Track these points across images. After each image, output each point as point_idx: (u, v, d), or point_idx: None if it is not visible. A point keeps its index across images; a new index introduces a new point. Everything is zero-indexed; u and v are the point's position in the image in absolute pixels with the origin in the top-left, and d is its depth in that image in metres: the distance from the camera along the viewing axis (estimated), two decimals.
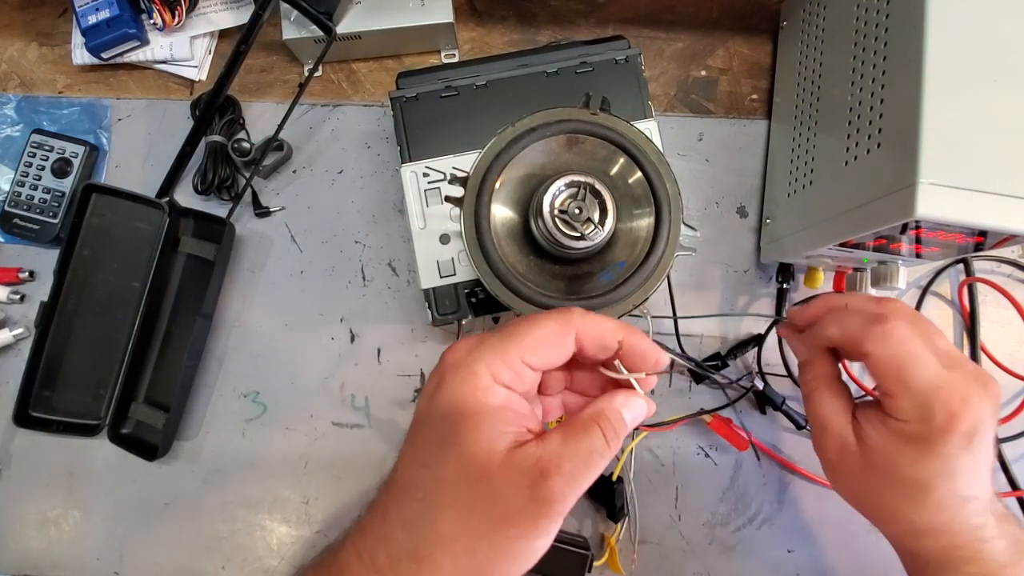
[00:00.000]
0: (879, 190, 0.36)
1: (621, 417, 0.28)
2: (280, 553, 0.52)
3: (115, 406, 0.52)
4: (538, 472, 0.26)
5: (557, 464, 0.26)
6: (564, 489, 0.26)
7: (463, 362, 0.28)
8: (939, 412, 0.33)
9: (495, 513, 0.26)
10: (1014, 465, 0.50)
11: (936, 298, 0.53)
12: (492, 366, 0.27)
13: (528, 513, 0.26)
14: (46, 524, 0.53)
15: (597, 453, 0.27)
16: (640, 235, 0.36)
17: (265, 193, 0.56)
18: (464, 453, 0.26)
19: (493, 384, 0.27)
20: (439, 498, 0.27)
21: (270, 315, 0.55)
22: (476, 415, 0.27)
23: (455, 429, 0.27)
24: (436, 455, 0.27)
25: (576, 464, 0.26)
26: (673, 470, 0.51)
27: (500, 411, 0.27)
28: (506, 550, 0.26)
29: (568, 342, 0.29)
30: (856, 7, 0.42)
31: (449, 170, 0.41)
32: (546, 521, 0.26)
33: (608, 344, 0.29)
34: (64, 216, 0.55)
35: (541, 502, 0.26)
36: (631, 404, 0.29)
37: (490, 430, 0.27)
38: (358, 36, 0.53)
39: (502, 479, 0.26)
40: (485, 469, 0.26)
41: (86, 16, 0.54)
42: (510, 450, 0.26)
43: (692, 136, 0.56)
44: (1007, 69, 0.34)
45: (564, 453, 0.26)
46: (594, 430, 0.27)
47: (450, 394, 0.28)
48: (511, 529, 0.26)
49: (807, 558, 0.50)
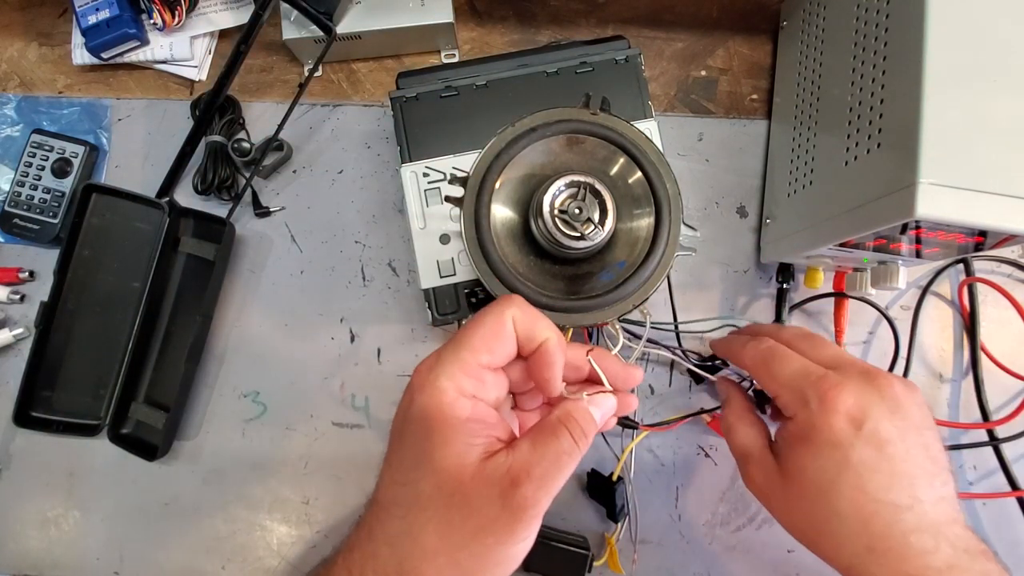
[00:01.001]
0: (879, 190, 0.36)
1: (589, 415, 0.29)
2: (280, 553, 0.52)
3: (115, 406, 0.51)
4: (509, 481, 0.27)
5: (527, 470, 0.27)
6: (536, 494, 0.27)
7: (427, 380, 0.29)
8: (812, 397, 0.33)
9: (472, 524, 0.27)
10: (1014, 465, 0.50)
11: (936, 298, 0.53)
12: (454, 378, 0.28)
13: (503, 521, 0.27)
14: (46, 524, 0.53)
15: (566, 454, 0.28)
16: (640, 235, 0.36)
17: (265, 193, 0.56)
18: (437, 469, 0.27)
19: (459, 397, 0.28)
20: (418, 515, 0.28)
21: (270, 315, 0.55)
22: (445, 430, 0.28)
23: (427, 446, 0.28)
24: (411, 472, 0.28)
25: (545, 467, 0.27)
26: (673, 470, 0.52)
27: (467, 424, 0.28)
28: (487, 558, 0.27)
29: (508, 332, 0.30)
30: (856, 7, 0.42)
31: (449, 170, 0.41)
32: (521, 526, 0.27)
33: (535, 336, 0.30)
34: (64, 216, 0.55)
35: (515, 509, 0.26)
36: (598, 401, 0.30)
37: (459, 443, 0.28)
38: (358, 36, 0.53)
39: (475, 491, 0.27)
40: (458, 483, 0.27)
41: (86, 16, 0.54)
42: (481, 461, 0.27)
43: (692, 136, 0.56)
44: (1007, 69, 0.34)
45: (533, 459, 0.27)
46: (561, 432, 0.28)
47: (418, 412, 0.28)
48: (488, 538, 0.27)
49: (807, 558, 0.49)
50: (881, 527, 0.31)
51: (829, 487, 0.32)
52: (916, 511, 0.31)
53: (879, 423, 0.32)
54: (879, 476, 0.32)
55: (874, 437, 0.32)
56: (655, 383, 0.52)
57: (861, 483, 0.32)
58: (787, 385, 0.35)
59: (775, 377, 0.36)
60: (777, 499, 0.36)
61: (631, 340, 0.47)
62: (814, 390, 0.33)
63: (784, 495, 0.35)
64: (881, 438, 0.32)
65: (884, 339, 0.52)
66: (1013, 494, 0.49)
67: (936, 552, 0.30)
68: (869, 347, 0.53)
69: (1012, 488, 0.49)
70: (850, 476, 0.32)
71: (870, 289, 0.45)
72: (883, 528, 0.31)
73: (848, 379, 0.33)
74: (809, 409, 0.33)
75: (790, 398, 0.35)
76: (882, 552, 0.31)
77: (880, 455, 0.32)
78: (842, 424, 0.32)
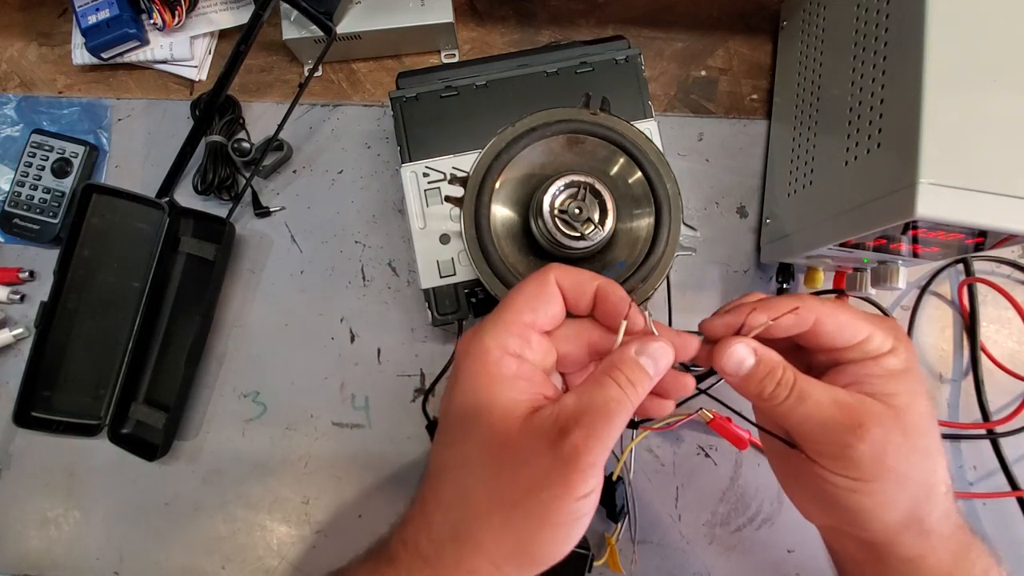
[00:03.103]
0: (879, 190, 0.36)
1: (636, 362, 0.28)
2: (280, 553, 0.52)
3: (115, 406, 0.51)
4: (557, 430, 0.26)
5: (575, 418, 0.26)
6: (587, 441, 0.25)
7: (472, 345, 0.28)
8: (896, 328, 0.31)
9: (523, 479, 0.26)
10: (1014, 465, 0.50)
11: (936, 298, 0.53)
12: (498, 338, 0.28)
13: (556, 473, 0.25)
14: (46, 524, 0.53)
15: (614, 401, 0.27)
16: (640, 235, 0.36)
17: (265, 193, 0.56)
18: (484, 427, 0.27)
19: (503, 356, 0.28)
20: (468, 476, 0.27)
21: (270, 315, 0.55)
22: (490, 387, 0.27)
23: (474, 407, 0.27)
24: (459, 434, 0.28)
25: (594, 415, 0.26)
26: (673, 470, 0.51)
27: (513, 380, 0.28)
28: (544, 517, 0.26)
29: (552, 292, 0.29)
30: (856, 7, 0.42)
31: (449, 170, 0.41)
32: (577, 476, 0.25)
33: (586, 290, 0.30)
34: (64, 216, 0.55)
35: (566, 458, 0.25)
36: (647, 350, 0.28)
37: (505, 400, 0.27)
38: (358, 36, 0.53)
39: (524, 444, 0.26)
40: (506, 438, 0.26)
41: (86, 16, 0.54)
42: (527, 416, 0.27)
43: (692, 136, 0.56)
44: (1007, 69, 0.34)
45: (580, 407, 0.26)
46: (606, 381, 0.27)
47: (465, 377, 0.28)
48: (543, 492, 0.26)
49: (807, 558, 0.50)
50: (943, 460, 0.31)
51: (933, 412, 0.31)
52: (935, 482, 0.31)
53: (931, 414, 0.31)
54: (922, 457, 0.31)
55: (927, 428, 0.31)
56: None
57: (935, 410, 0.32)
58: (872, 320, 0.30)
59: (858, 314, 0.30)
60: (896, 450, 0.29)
61: None
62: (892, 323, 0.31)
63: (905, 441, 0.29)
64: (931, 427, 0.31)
65: None
66: (1013, 494, 0.49)
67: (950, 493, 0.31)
68: None
69: (1012, 488, 0.49)
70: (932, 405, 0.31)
71: (870, 289, 0.45)
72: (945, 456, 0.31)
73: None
74: (902, 339, 0.31)
75: (885, 332, 0.30)
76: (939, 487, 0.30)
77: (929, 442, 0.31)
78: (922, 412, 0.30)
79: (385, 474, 0.52)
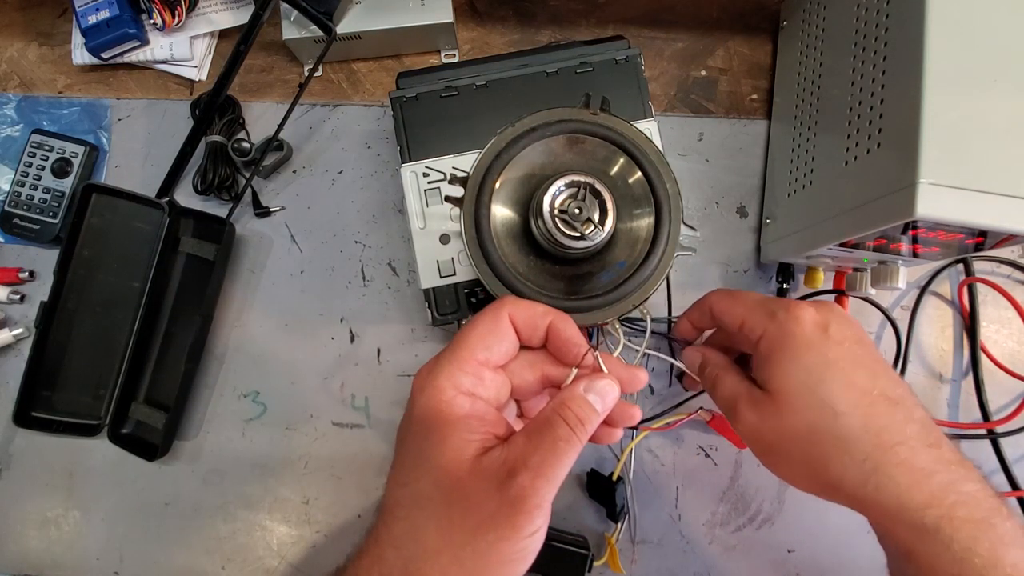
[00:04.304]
0: (879, 190, 0.36)
1: (584, 401, 0.29)
2: (280, 553, 0.52)
3: (115, 406, 0.51)
4: (505, 472, 0.26)
5: (523, 460, 0.26)
6: (534, 483, 0.26)
7: (426, 381, 0.29)
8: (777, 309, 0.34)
9: (472, 520, 0.26)
10: (1015, 466, 0.50)
11: (936, 298, 0.53)
12: (452, 377, 0.29)
13: (503, 514, 0.26)
14: (46, 524, 0.53)
15: (563, 441, 0.27)
16: (640, 235, 0.36)
17: (265, 193, 0.56)
18: (435, 467, 0.27)
19: (456, 395, 0.28)
20: (419, 514, 0.27)
21: (270, 315, 0.54)
22: (442, 428, 0.28)
23: (425, 445, 0.28)
24: (412, 472, 0.28)
25: (542, 456, 0.27)
26: (673, 470, 0.51)
27: (464, 420, 0.28)
28: (491, 556, 0.26)
29: (505, 328, 0.30)
30: (856, 7, 0.42)
31: (449, 170, 0.41)
32: (523, 518, 0.26)
33: (539, 324, 0.31)
34: (64, 216, 0.55)
35: (513, 501, 0.26)
36: (595, 387, 0.29)
37: (456, 440, 0.27)
38: (358, 36, 0.53)
39: (472, 486, 0.26)
40: (456, 479, 0.27)
41: (86, 16, 0.54)
42: (476, 457, 0.27)
43: (692, 136, 0.56)
44: (1007, 69, 0.34)
45: (528, 449, 0.27)
46: (556, 420, 0.28)
47: (419, 414, 0.29)
48: (490, 533, 0.26)
49: (807, 558, 0.50)
50: (883, 420, 0.30)
51: (819, 387, 0.31)
52: (906, 404, 0.31)
53: (841, 326, 0.33)
54: (862, 369, 0.32)
55: (842, 337, 0.32)
56: (655, 383, 0.52)
57: (848, 377, 0.31)
58: (752, 307, 0.35)
59: (738, 303, 0.36)
60: (771, 428, 0.33)
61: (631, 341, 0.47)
62: (777, 304, 0.35)
63: (778, 419, 0.32)
64: (847, 337, 0.32)
65: (885, 339, 0.52)
66: (1013, 494, 0.49)
67: (940, 446, 0.30)
68: None
69: (1012, 488, 0.49)
70: (835, 372, 0.31)
71: (870, 289, 0.45)
72: (885, 421, 0.30)
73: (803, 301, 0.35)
74: (777, 319, 0.33)
75: (758, 316, 0.35)
76: (891, 447, 0.30)
77: (855, 351, 0.32)
78: (810, 328, 0.32)
79: (385, 474, 0.52)
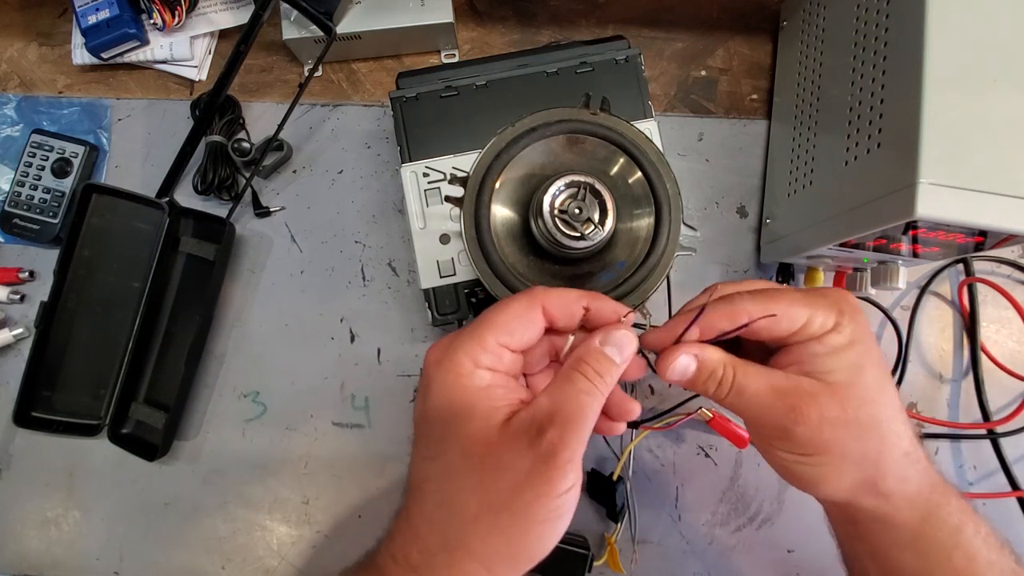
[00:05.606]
0: (879, 190, 0.36)
1: (602, 353, 0.29)
2: (280, 553, 0.52)
3: (115, 406, 0.51)
4: (534, 430, 0.27)
5: (549, 417, 0.27)
6: (564, 436, 0.26)
7: (444, 356, 0.29)
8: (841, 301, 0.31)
9: (507, 482, 0.27)
10: (1014, 466, 0.50)
11: (936, 298, 0.53)
12: (471, 352, 0.28)
13: (537, 472, 0.26)
14: (46, 524, 0.53)
15: (585, 394, 0.28)
16: (640, 235, 0.36)
17: (265, 193, 0.56)
18: (464, 437, 0.27)
19: (476, 369, 0.29)
20: (452, 485, 0.27)
21: (270, 315, 0.55)
22: (467, 399, 0.28)
23: (451, 418, 0.28)
24: (439, 446, 0.28)
25: (568, 410, 0.27)
26: (673, 470, 0.51)
27: (488, 390, 0.28)
28: (529, 515, 0.27)
29: (536, 318, 0.30)
30: (856, 7, 0.42)
31: (449, 170, 0.41)
32: (557, 473, 0.26)
33: (574, 311, 0.30)
34: (64, 216, 0.55)
35: (545, 456, 0.26)
36: (610, 339, 0.30)
37: (483, 408, 0.28)
38: (358, 36, 0.53)
39: (504, 448, 0.27)
40: (487, 445, 0.27)
41: (86, 16, 0.54)
42: (505, 422, 0.28)
43: (692, 136, 0.56)
44: (1007, 69, 0.34)
45: (552, 406, 0.27)
46: (575, 376, 0.28)
47: (439, 388, 0.29)
48: (527, 492, 0.26)
49: (807, 558, 0.50)
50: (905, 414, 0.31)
51: (882, 379, 0.31)
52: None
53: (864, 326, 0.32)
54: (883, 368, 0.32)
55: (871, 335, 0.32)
56: (655, 383, 0.52)
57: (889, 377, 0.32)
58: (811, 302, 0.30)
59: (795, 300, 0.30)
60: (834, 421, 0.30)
61: None
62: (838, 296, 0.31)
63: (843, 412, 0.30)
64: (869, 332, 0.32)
65: (885, 339, 0.52)
66: (1013, 494, 0.49)
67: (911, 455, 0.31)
68: None
69: (1012, 488, 0.49)
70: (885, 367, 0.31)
71: (870, 289, 0.45)
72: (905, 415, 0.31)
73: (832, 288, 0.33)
74: (847, 312, 0.30)
75: (826, 310, 0.30)
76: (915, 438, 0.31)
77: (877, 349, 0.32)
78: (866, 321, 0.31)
79: (385, 474, 0.52)
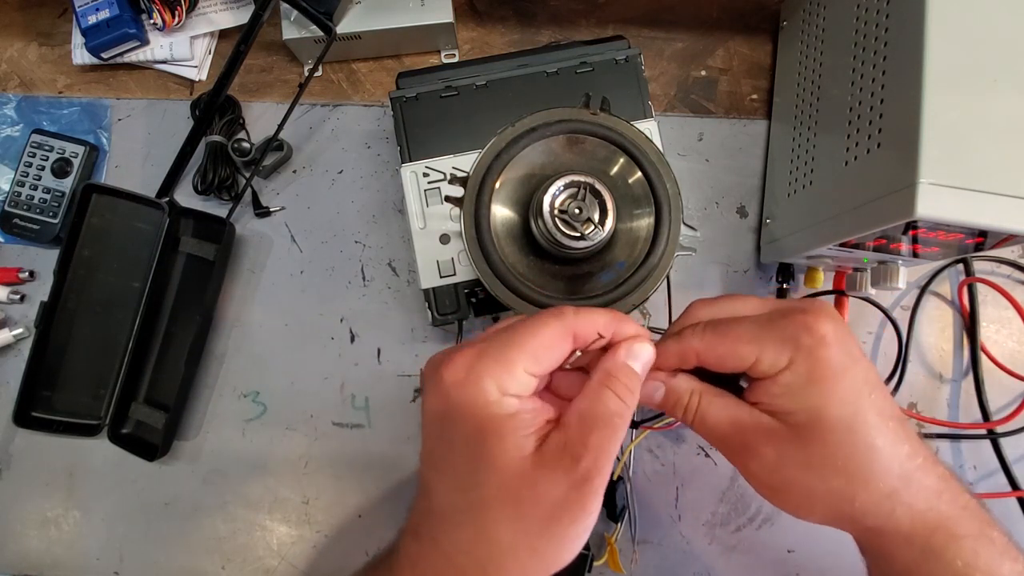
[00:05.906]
0: (879, 190, 0.36)
1: (629, 369, 0.29)
2: (280, 553, 0.52)
3: (115, 406, 0.51)
4: (569, 458, 0.27)
5: (583, 442, 0.27)
6: (597, 463, 0.27)
7: (467, 379, 0.27)
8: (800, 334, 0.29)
9: (544, 510, 0.27)
10: (1014, 466, 0.50)
11: (936, 298, 0.53)
12: (498, 379, 0.27)
13: (573, 499, 0.27)
14: (46, 524, 0.53)
15: (617, 416, 0.28)
16: (640, 235, 0.36)
17: (265, 193, 0.56)
18: (499, 469, 0.27)
19: (503, 397, 0.27)
20: (488, 515, 0.27)
21: (270, 315, 0.55)
22: (495, 428, 0.27)
23: (481, 449, 0.27)
24: (471, 478, 0.28)
25: (600, 434, 0.27)
26: (673, 470, 0.51)
27: (517, 418, 0.28)
28: (564, 538, 0.27)
29: (566, 347, 0.29)
30: (856, 7, 0.42)
31: (449, 170, 0.41)
32: (592, 498, 0.27)
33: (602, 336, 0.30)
34: (64, 216, 0.55)
35: (581, 484, 0.26)
36: (634, 353, 0.29)
37: (515, 438, 0.27)
38: (358, 36, 0.53)
39: (540, 478, 0.27)
40: (522, 476, 0.27)
41: (86, 16, 0.54)
42: (537, 450, 0.27)
43: (692, 136, 0.56)
44: (1007, 69, 0.34)
45: (584, 429, 0.27)
46: (606, 394, 0.28)
47: (464, 415, 0.27)
48: (564, 518, 0.27)
49: (807, 558, 0.50)
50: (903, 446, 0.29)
51: (855, 420, 0.28)
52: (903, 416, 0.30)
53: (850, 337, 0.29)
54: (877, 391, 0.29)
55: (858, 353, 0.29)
56: None
57: (876, 405, 0.29)
58: (761, 338, 0.29)
59: (737, 337, 0.29)
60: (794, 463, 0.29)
61: None
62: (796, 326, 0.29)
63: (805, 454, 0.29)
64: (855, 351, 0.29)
65: (885, 339, 0.52)
66: (1013, 494, 0.49)
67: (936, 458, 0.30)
68: (869, 347, 0.53)
69: (1012, 488, 0.49)
70: (865, 401, 0.29)
71: (870, 289, 0.45)
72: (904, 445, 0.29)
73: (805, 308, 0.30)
74: (804, 348, 0.28)
75: (774, 347, 0.29)
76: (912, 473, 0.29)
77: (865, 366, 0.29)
78: (836, 349, 0.28)
79: (385, 474, 0.52)
